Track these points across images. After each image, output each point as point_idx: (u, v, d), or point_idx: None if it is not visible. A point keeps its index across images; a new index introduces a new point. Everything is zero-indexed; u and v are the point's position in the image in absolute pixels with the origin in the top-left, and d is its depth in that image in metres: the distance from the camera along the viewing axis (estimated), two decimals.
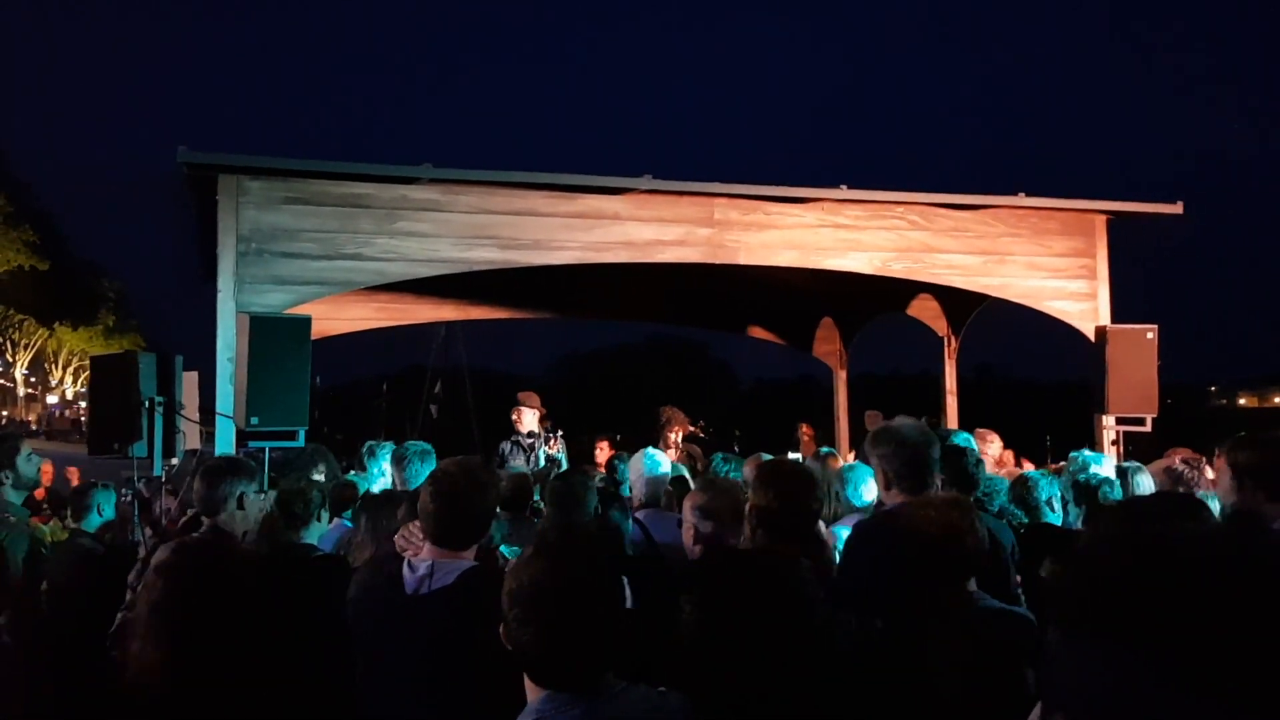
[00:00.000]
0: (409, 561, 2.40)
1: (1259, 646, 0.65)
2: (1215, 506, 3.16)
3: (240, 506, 3.05)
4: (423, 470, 4.44)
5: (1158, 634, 0.67)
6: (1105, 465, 4.50)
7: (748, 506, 2.59)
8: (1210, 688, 0.65)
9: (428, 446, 4.65)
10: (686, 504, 2.88)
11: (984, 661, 2.04)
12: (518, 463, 6.42)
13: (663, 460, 4.09)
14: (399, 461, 4.58)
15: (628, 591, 1.86)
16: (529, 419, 6.87)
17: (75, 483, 8.31)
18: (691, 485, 4.18)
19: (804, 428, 10.05)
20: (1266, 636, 0.66)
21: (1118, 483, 4.18)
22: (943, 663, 2.13)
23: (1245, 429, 3.20)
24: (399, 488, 4.45)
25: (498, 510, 3.54)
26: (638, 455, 4.13)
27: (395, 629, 2.35)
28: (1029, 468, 6.52)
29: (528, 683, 1.72)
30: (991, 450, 5.75)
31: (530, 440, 6.80)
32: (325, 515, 3.74)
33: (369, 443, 5.56)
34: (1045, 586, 2.87)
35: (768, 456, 6.28)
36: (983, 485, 3.82)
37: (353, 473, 5.77)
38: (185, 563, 2.73)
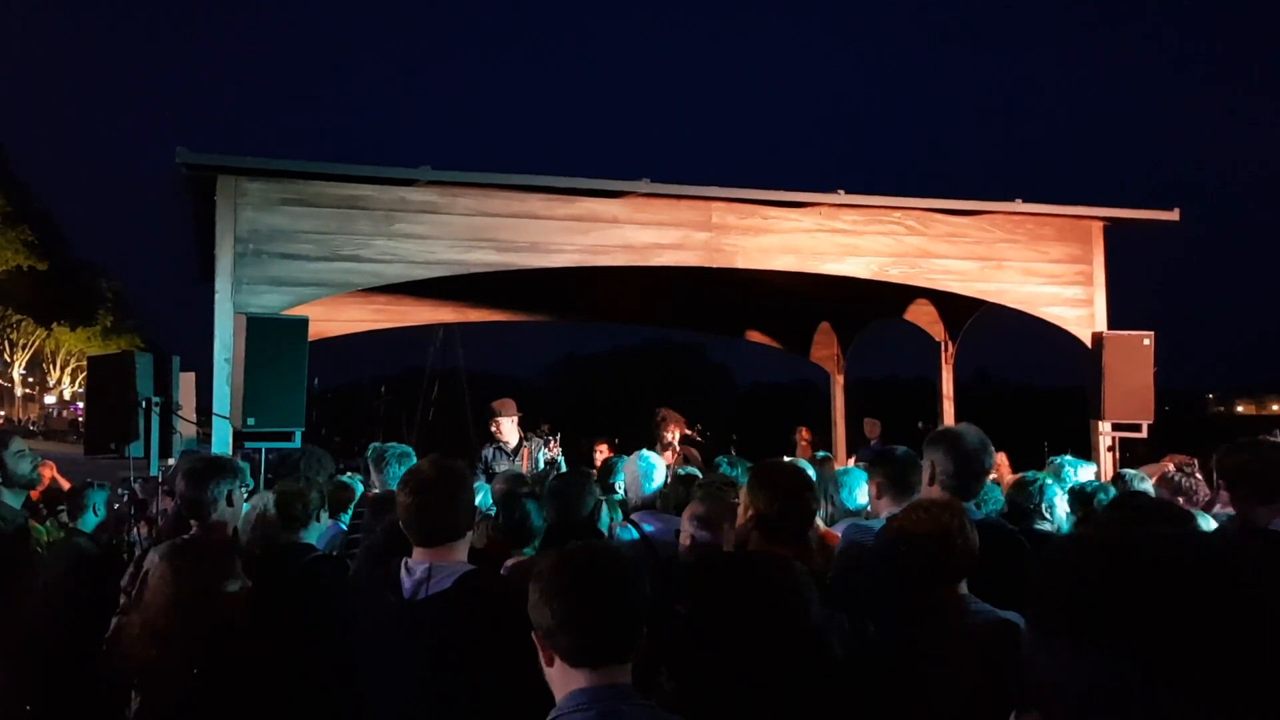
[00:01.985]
0: (405, 563, 2.36)
1: (1224, 643, 0.67)
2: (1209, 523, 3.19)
3: (230, 504, 3.04)
4: (400, 472, 4.45)
5: (1128, 633, 0.68)
6: (1084, 471, 4.51)
7: (741, 508, 2.60)
8: (1180, 685, 0.66)
9: (407, 449, 4.66)
10: (686, 513, 2.89)
11: (974, 664, 2.05)
12: (502, 468, 6.39)
13: (657, 462, 4.10)
14: (378, 463, 4.60)
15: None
16: (508, 428, 6.71)
17: (46, 480, 8.17)
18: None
19: (802, 431, 10.08)
20: (1230, 633, 0.67)
21: (1113, 490, 4.18)
22: (933, 665, 2.14)
23: (1242, 436, 3.22)
24: (379, 489, 4.46)
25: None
26: (632, 457, 4.13)
27: (392, 633, 2.32)
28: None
29: (555, 679, 1.72)
30: None
31: (515, 447, 6.71)
32: (325, 516, 3.74)
33: (373, 445, 5.57)
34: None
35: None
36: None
37: (349, 474, 5.78)
38: (187, 564, 2.74)
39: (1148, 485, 4.34)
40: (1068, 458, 4.93)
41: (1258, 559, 0.73)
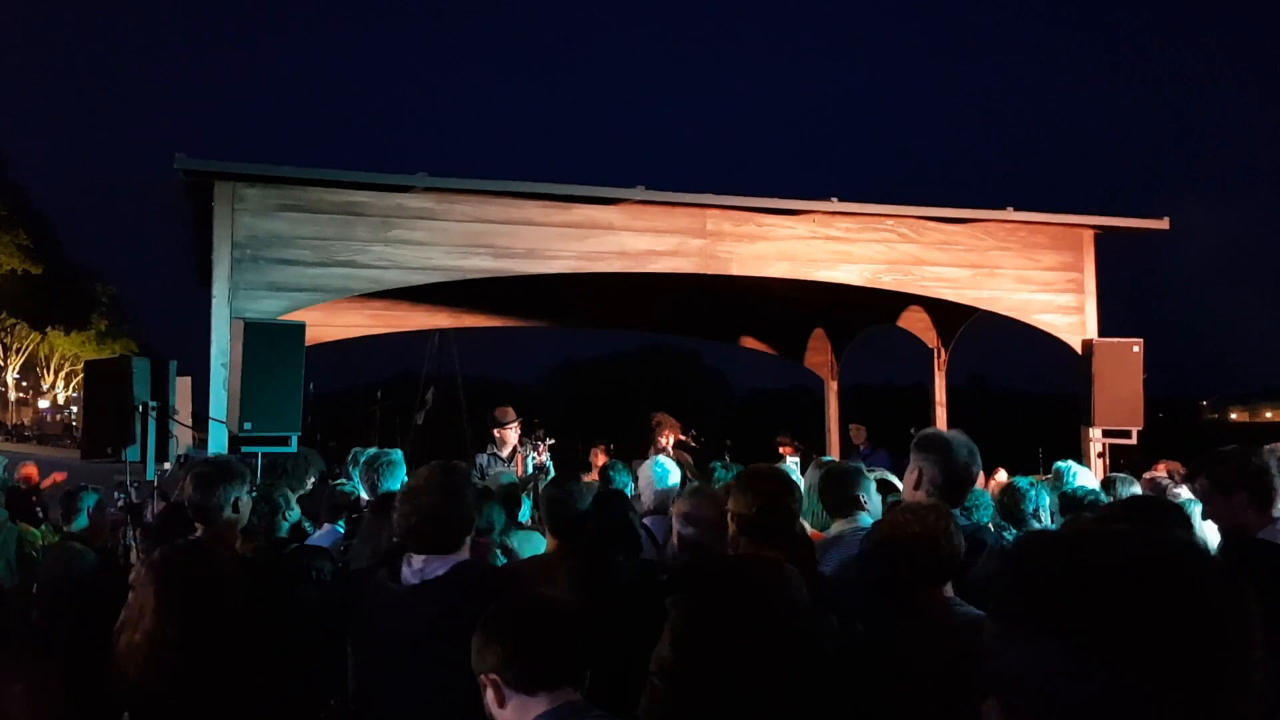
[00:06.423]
0: (407, 559, 2.52)
1: (1172, 634, 0.71)
2: (1197, 512, 3.23)
3: (235, 511, 3.07)
4: (389, 480, 4.49)
5: (1083, 625, 0.72)
6: (1085, 476, 4.55)
7: (729, 513, 2.64)
8: (1131, 673, 0.70)
9: (397, 456, 4.69)
10: (673, 511, 2.93)
11: (958, 663, 2.08)
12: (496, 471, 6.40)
13: (672, 469, 4.13)
14: (369, 471, 4.63)
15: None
16: (511, 438, 6.76)
17: (34, 480, 8.21)
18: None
19: (783, 440, 9.89)
20: (1179, 624, 0.71)
21: (1102, 494, 4.23)
22: (918, 664, 2.18)
23: (1235, 443, 3.24)
24: (370, 496, 4.50)
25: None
26: (647, 463, 4.18)
27: (392, 619, 2.48)
28: (1002, 476, 6.60)
29: (498, 711, 1.77)
30: None
31: (510, 453, 6.74)
32: (293, 514, 3.81)
33: (354, 449, 5.60)
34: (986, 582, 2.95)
35: (793, 464, 6.34)
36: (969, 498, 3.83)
37: (341, 480, 5.79)
38: (173, 562, 2.79)
39: (1135, 489, 4.38)
40: (1120, 475, 4.89)
41: (1231, 563, 0.77)
